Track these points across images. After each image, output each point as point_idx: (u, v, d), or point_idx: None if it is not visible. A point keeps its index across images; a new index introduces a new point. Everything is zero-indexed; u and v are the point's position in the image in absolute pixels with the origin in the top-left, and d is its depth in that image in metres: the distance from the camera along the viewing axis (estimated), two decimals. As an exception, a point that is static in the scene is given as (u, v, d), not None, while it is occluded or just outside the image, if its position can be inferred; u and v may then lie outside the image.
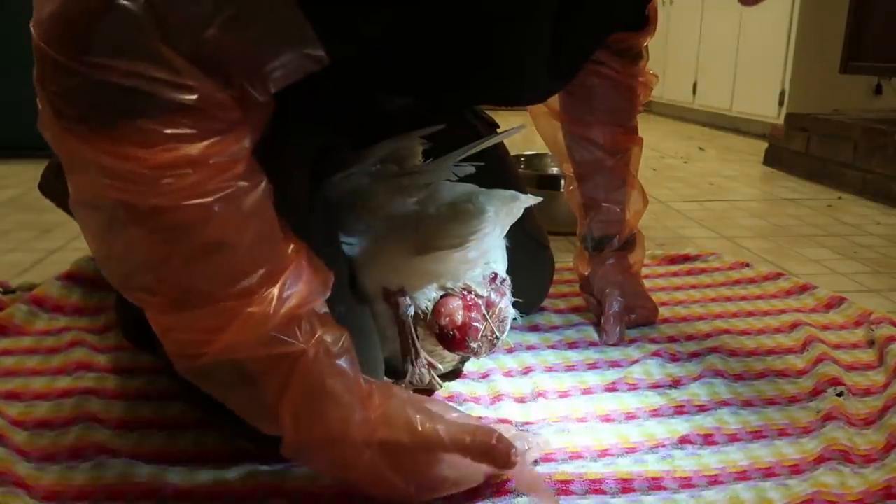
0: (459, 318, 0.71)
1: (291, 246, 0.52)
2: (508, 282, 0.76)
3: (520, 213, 0.73)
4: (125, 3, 0.42)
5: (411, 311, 0.72)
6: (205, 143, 0.45)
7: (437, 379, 0.76)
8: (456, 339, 0.71)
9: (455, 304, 0.72)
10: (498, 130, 1.00)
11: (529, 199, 0.73)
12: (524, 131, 0.84)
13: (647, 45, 0.92)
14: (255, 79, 0.47)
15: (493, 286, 0.74)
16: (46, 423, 0.69)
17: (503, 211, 0.71)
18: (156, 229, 0.46)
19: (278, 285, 0.49)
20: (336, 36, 0.47)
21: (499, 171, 0.90)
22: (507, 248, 0.79)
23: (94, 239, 0.51)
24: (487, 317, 0.73)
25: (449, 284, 0.72)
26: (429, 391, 0.75)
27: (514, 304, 0.76)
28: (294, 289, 0.50)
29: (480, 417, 0.70)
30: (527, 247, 0.91)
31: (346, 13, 0.48)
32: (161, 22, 0.43)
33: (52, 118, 0.46)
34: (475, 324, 0.72)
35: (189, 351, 0.49)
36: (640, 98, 0.94)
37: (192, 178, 0.45)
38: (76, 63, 0.43)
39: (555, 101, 0.96)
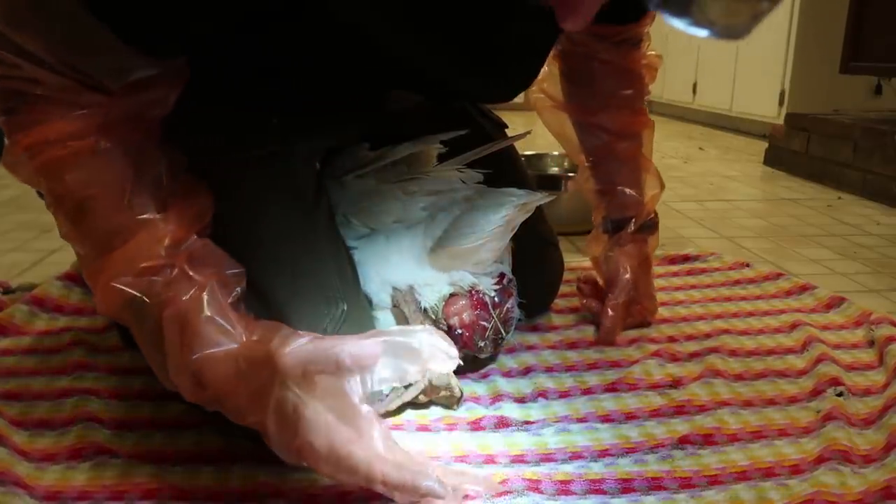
0: (468, 317, 0.71)
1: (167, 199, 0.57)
2: (514, 282, 0.76)
3: (531, 212, 0.73)
4: None
5: (420, 309, 0.72)
6: (62, 121, 0.54)
7: (456, 380, 0.73)
8: (464, 338, 0.71)
9: (463, 302, 0.72)
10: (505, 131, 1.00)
11: (542, 198, 0.73)
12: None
13: (647, 31, 0.91)
14: (106, 75, 0.54)
15: (500, 286, 0.74)
16: (46, 423, 0.69)
17: (515, 208, 0.71)
18: (49, 192, 0.56)
19: (160, 217, 0.56)
20: (165, 36, 0.54)
21: (510, 172, 0.90)
22: (515, 248, 0.79)
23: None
24: (494, 316, 0.73)
25: (458, 283, 0.72)
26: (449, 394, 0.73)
27: (520, 305, 0.77)
28: (175, 220, 0.57)
29: (481, 417, 0.70)
30: (536, 246, 0.91)
31: (169, 19, 0.54)
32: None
33: None
34: (482, 322, 0.72)
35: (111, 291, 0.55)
36: (647, 81, 0.94)
37: (52, 150, 0.54)
38: None
39: (558, 91, 0.96)
